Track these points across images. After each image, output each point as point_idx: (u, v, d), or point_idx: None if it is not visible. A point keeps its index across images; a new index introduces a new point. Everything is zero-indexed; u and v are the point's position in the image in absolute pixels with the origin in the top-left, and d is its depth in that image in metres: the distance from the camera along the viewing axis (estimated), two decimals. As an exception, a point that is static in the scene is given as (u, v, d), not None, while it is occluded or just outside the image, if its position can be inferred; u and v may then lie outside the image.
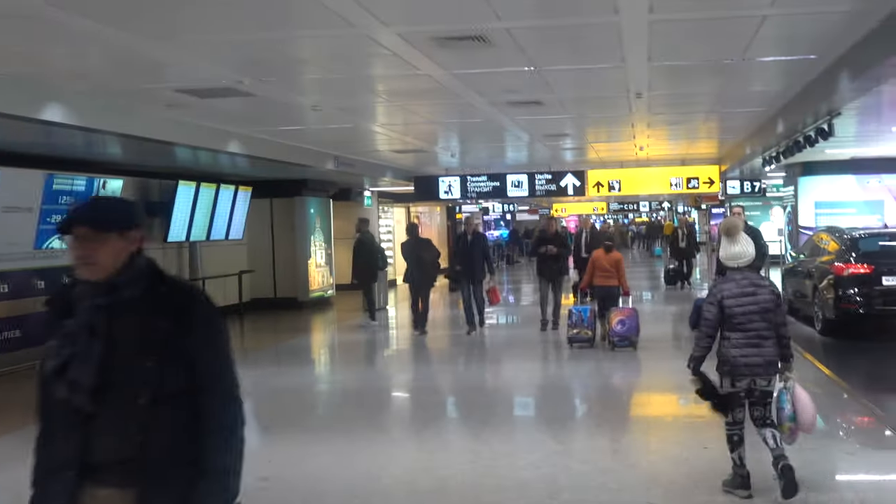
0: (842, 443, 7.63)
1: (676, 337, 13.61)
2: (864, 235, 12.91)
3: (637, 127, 13.92)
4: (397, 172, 20.67)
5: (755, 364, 5.30)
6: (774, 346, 5.38)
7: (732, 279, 5.44)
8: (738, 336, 5.31)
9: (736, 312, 5.30)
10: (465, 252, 13.84)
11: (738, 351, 5.30)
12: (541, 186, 19.76)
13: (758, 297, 5.35)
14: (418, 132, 14.59)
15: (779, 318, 5.45)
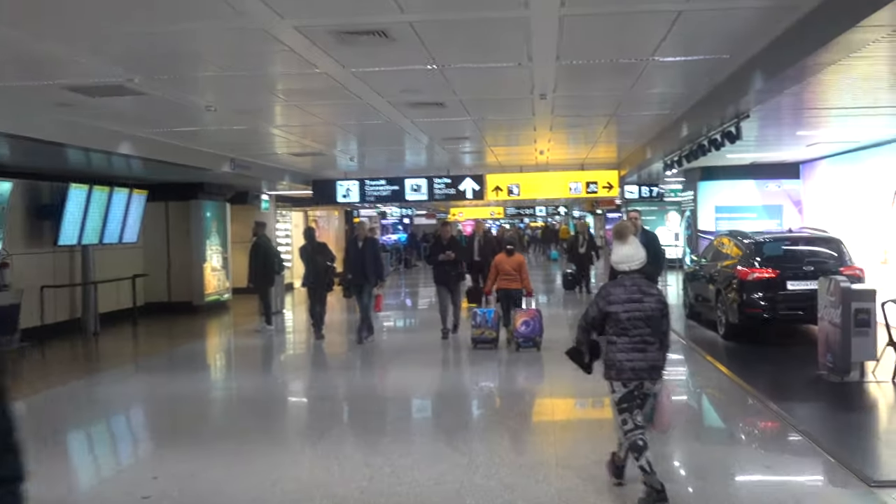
0: (746, 447, 7.66)
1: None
2: (767, 240, 12.99)
3: (539, 130, 13.83)
4: (295, 176, 20.12)
5: (641, 368, 5.39)
6: (658, 350, 5.47)
7: (622, 284, 5.51)
8: (624, 341, 5.39)
9: (622, 318, 5.38)
10: (356, 258, 13.24)
11: (625, 356, 5.39)
12: (440, 190, 19.58)
13: (644, 305, 5.43)
14: (317, 134, 14.15)
15: (664, 327, 5.57)
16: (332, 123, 12.85)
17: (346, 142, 15.66)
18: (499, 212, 43.14)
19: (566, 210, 42.98)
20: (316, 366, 12.57)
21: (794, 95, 9.22)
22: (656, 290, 5.65)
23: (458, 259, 13.24)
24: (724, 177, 17.70)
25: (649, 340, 5.42)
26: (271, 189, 22.70)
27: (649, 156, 15.71)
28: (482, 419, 8.80)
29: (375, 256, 13.39)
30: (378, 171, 20.42)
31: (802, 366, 10.59)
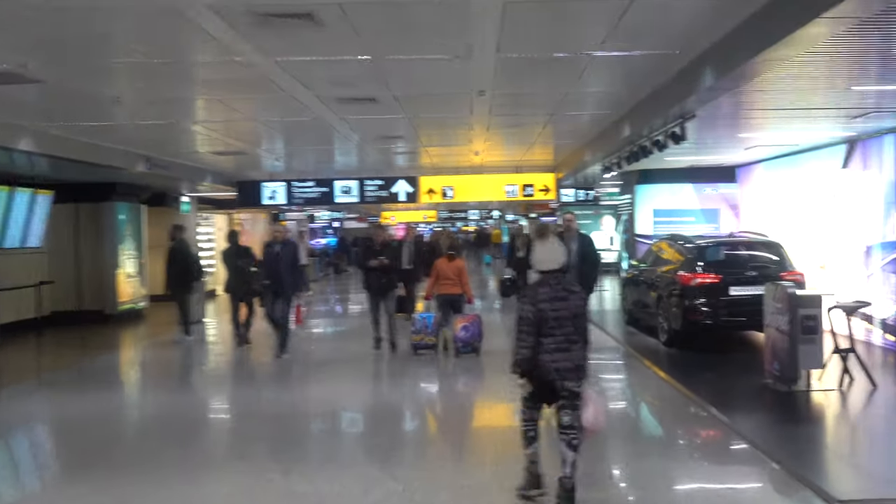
0: (690, 457, 7.36)
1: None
2: (709, 244, 12.76)
3: (475, 130, 13.34)
4: (218, 177, 19.24)
5: (566, 368, 5.36)
6: (581, 349, 5.46)
7: (547, 283, 5.48)
8: (549, 341, 5.34)
9: (550, 317, 5.34)
10: (272, 264, 12.14)
11: (549, 356, 5.35)
12: (371, 193, 18.96)
13: (570, 303, 5.43)
14: (240, 132, 13.41)
15: (585, 323, 5.59)
16: (257, 120, 12.14)
17: (271, 140, 14.92)
18: (431, 215, 42.61)
19: (500, 214, 42.67)
20: (237, 380, 11.74)
21: (739, 95, 8.93)
22: (578, 288, 5.68)
23: (391, 265, 12.41)
24: (661, 180, 17.50)
25: (573, 340, 5.40)
26: (192, 190, 21.73)
27: (588, 158, 15.36)
28: (419, 436, 8.28)
29: (294, 263, 12.31)
30: (306, 172, 19.68)
31: (748, 374, 10.33)
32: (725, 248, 12.60)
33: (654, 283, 13.06)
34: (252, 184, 19.28)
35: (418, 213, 42.80)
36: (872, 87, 8.71)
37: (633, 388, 10.51)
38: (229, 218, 28.22)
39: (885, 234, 11.73)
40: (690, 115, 9.67)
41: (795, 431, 8.00)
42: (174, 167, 16.44)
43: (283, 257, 12.08)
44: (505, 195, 19.37)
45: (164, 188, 20.39)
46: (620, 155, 13.17)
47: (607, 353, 12.48)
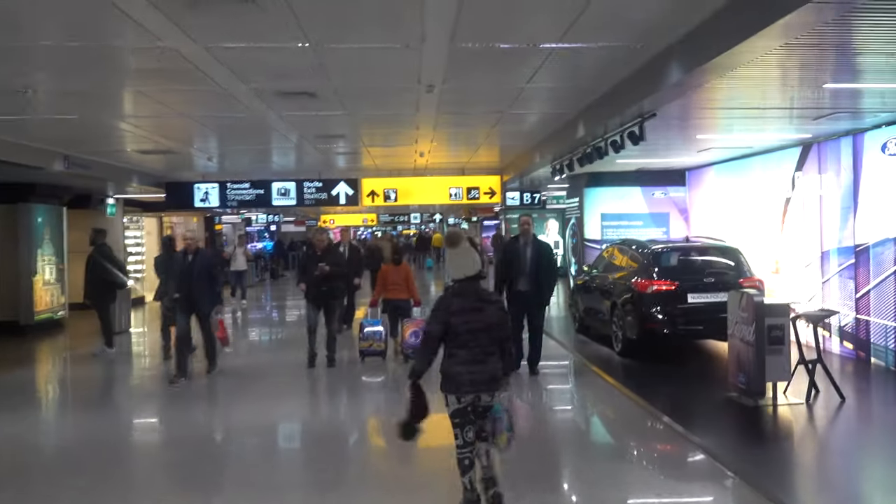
0: (644, 469, 7.08)
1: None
2: (665, 249, 12.32)
3: (422, 129, 12.73)
4: (146, 177, 18.28)
5: (480, 381, 5.19)
6: (498, 360, 5.27)
7: (460, 293, 5.29)
8: (464, 353, 5.18)
9: (462, 330, 5.16)
10: (183, 275, 10.92)
11: (464, 368, 5.18)
12: (310, 195, 18.21)
13: (484, 315, 5.23)
14: (169, 128, 12.57)
15: (503, 333, 5.35)
16: (186, 115, 11.31)
17: (203, 138, 14.10)
18: (372, 219, 41.81)
19: (441, 217, 42.10)
20: (159, 399, 10.45)
21: (703, 93, 8.49)
22: (496, 297, 5.52)
23: (333, 273, 11.42)
24: (610, 183, 17.10)
25: (490, 351, 5.23)
26: (119, 192, 20.69)
27: (538, 159, 14.87)
28: (362, 465, 7.56)
29: (209, 275, 11.05)
30: (241, 172, 18.84)
31: (710, 386, 9.96)
32: (682, 253, 12.19)
33: (607, 290, 12.61)
34: (183, 185, 18.38)
35: (358, 217, 42.03)
36: (842, 85, 8.32)
37: (587, 400, 10.02)
38: (159, 221, 27.15)
39: (842, 239, 11.46)
40: (650, 114, 9.21)
41: (769, 451, 7.59)
42: (97, 167, 15.48)
43: (195, 268, 10.89)
44: (449, 198, 18.79)
45: (89, 189, 19.35)
46: (573, 156, 12.69)
47: (558, 362, 12.00)
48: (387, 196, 18.61)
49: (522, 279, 10.50)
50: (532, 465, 6.79)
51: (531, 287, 10.48)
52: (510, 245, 11.00)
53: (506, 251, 11.01)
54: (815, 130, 11.36)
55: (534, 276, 10.44)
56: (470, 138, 14.44)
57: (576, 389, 10.63)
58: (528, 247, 10.63)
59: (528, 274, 10.48)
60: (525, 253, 10.58)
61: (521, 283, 10.52)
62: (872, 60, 7.32)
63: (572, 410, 9.75)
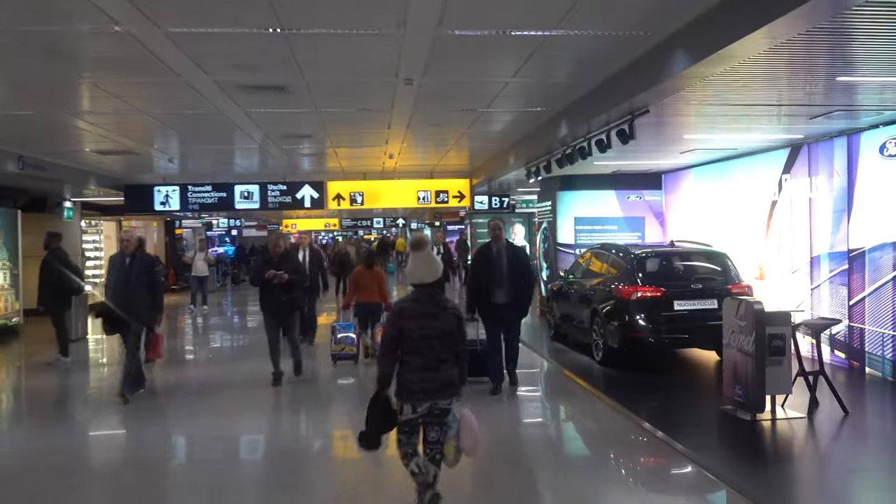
0: (634, 487, 6.48)
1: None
2: (650, 254, 11.64)
3: (394, 128, 12.01)
4: (104, 180, 17.35)
5: (433, 388, 5.06)
6: (452, 366, 5.15)
7: (416, 299, 5.17)
8: (417, 360, 5.05)
9: (416, 336, 5.03)
10: (120, 281, 9.62)
11: (417, 376, 5.06)
12: (274, 198, 17.37)
13: (439, 321, 5.11)
14: (128, 127, 11.73)
15: (458, 341, 5.22)
16: (146, 112, 10.48)
17: (164, 138, 13.22)
18: (334, 223, 40.90)
19: (404, 222, 41.30)
20: (118, 414, 9.30)
21: (706, 87, 7.85)
22: (451, 304, 5.29)
23: (292, 281, 10.16)
24: (584, 187, 16.47)
25: (443, 358, 5.10)
26: (76, 195, 19.67)
27: (512, 161, 14.21)
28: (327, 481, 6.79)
29: (149, 280, 9.70)
30: (203, 175, 17.98)
31: (701, 398, 9.38)
32: (667, 258, 11.52)
33: (586, 297, 11.95)
34: (142, 188, 17.47)
35: (320, 221, 41.12)
36: (855, 79, 7.71)
37: (569, 412, 9.36)
38: (119, 225, 26.06)
39: (834, 244, 10.91)
40: (642, 110, 8.57)
41: (772, 468, 6.93)
42: (53, 168, 14.55)
43: (132, 273, 9.55)
44: (417, 201, 18.07)
45: (44, 192, 18.34)
46: (551, 157, 12.07)
47: (536, 372, 11.35)
48: (353, 199, 17.85)
49: (499, 291, 9.39)
50: (507, 484, 6.29)
51: (509, 299, 9.39)
52: (482, 254, 9.78)
53: (477, 261, 9.85)
54: (806, 131, 10.80)
55: (511, 286, 9.39)
56: (441, 139, 13.75)
57: (555, 400, 9.97)
58: (503, 254, 9.52)
59: (505, 285, 9.37)
60: (500, 261, 9.45)
61: (498, 296, 9.36)
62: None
63: (552, 423, 9.07)
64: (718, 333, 8.70)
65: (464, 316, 5.56)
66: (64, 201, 19.71)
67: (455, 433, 5.08)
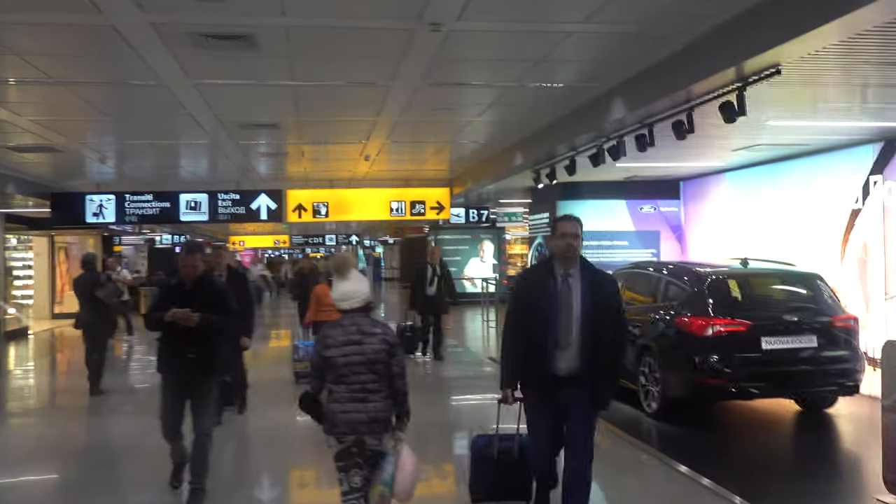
0: None
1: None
2: (722, 276, 8.55)
3: (384, 116, 9.11)
4: (27, 185, 13.92)
5: (358, 421, 4.27)
6: (384, 400, 4.34)
7: (340, 325, 4.40)
8: (342, 389, 4.31)
9: (339, 363, 4.29)
10: None
11: (339, 406, 4.28)
12: (225, 209, 14.22)
13: (364, 347, 4.31)
14: (48, 107, 8.58)
15: (394, 369, 4.35)
16: (67, 83, 7.36)
17: (95, 128, 10.08)
18: (284, 240, 37.40)
19: (357, 239, 37.91)
20: None
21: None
22: (381, 328, 4.40)
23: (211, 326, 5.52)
24: (590, 196, 13.68)
25: (371, 388, 4.30)
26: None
27: (519, 162, 11.31)
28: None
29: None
30: (143, 181, 14.74)
31: (830, 478, 6.50)
32: (746, 281, 8.56)
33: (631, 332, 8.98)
34: (72, 196, 14.19)
35: (270, 238, 37.66)
36: None
37: (638, 492, 6.37)
38: (51, 241, 22.41)
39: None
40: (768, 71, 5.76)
41: None
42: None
43: None
44: (390, 213, 15.10)
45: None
46: (574, 155, 9.32)
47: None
48: (316, 211, 14.78)
49: (560, 353, 4.62)
50: None
51: (578, 366, 4.61)
52: (530, 284, 4.92)
53: (521, 296, 4.86)
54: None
55: (585, 343, 4.56)
56: (433, 137, 10.95)
57: (615, 476, 6.47)
58: (573, 286, 4.62)
59: (574, 340, 4.58)
60: (567, 297, 4.62)
61: (561, 358, 4.59)
62: None
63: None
64: (821, 379, 6.69)
65: (396, 342, 4.44)
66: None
67: (388, 478, 4.27)
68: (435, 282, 12.03)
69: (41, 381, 12.63)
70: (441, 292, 12.09)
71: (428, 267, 12.16)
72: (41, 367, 14.22)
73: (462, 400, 10.12)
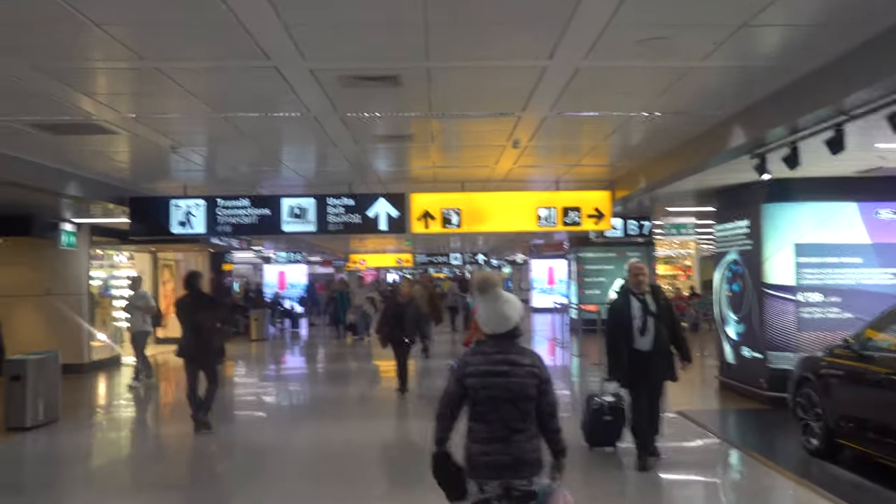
0: None
1: None
2: None
3: (537, 99, 6.27)
4: (98, 187, 11.30)
5: (502, 465, 3.73)
6: (531, 440, 3.78)
7: (482, 352, 3.92)
8: (481, 428, 3.79)
9: (480, 397, 3.77)
10: None
11: (480, 447, 3.79)
12: (337, 217, 11.36)
13: (510, 381, 3.77)
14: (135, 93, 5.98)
15: (545, 407, 3.82)
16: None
17: (189, 118, 7.28)
18: (407, 259, 34.36)
19: (483, 257, 34.38)
20: None
21: None
22: (530, 359, 3.85)
23: None
24: (807, 196, 9.82)
25: (515, 428, 3.76)
26: (80, 214, 13.73)
27: (735, 143, 7.67)
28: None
29: None
30: (234, 182, 11.94)
31: None
32: None
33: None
34: (152, 201, 11.60)
35: (391, 257, 34.82)
36: None
37: None
38: (153, 257, 20.21)
39: None
40: None
41: None
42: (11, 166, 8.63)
43: None
44: (537, 223, 11.77)
45: (28, 209, 12.49)
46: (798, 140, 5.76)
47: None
48: (447, 219, 11.73)
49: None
50: None
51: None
52: None
53: None
54: None
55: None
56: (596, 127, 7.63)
57: None
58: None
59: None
60: None
61: None
62: None
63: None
64: None
65: (548, 375, 3.82)
66: (61, 223, 13.79)
67: None
68: (650, 326, 6.87)
69: (114, 428, 10.03)
70: (663, 343, 6.90)
71: (633, 301, 6.96)
72: (115, 408, 11.60)
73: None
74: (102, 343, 15.55)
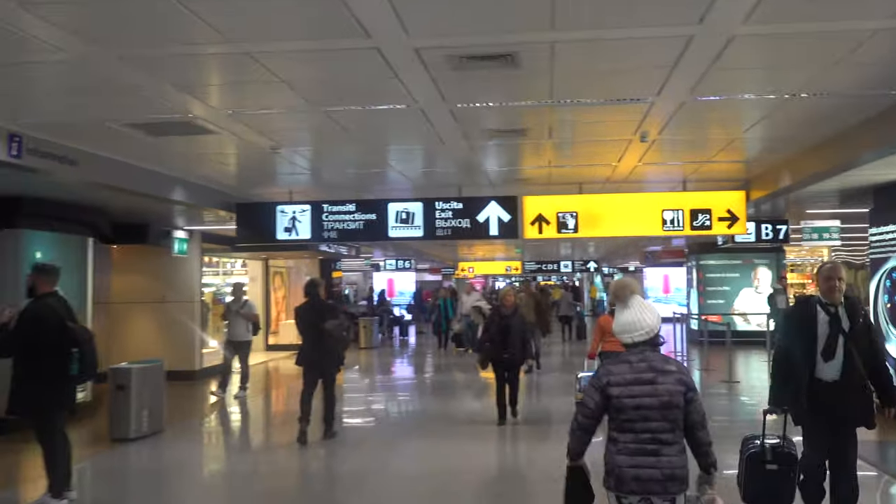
0: None
1: None
2: None
3: (676, 79, 5.69)
4: (202, 193, 11.02)
5: (650, 479, 3.55)
6: (680, 454, 3.61)
7: (626, 360, 3.73)
8: (629, 439, 3.63)
9: (626, 405, 3.62)
10: None
11: (627, 459, 3.62)
12: (445, 223, 10.70)
13: (658, 388, 3.61)
14: (226, 83, 5.78)
15: (693, 417, 3.63)
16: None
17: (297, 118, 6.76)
18: (516, 266, 33.39)
19: (595, 266, 33.02)
20: None
21: None
22: (675, 366, 3.69)
23: None
24: None
25: (665, 440, 3.56)
26: (192, 222, 13.61)
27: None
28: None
29: None
30: (342, 186, 11.43)
31: None
32: None
33: None
34: (261, 207, 11.22)
35: (499, 265, 33.98)
36: None
37: None
38: (265, 265, 20.16)
39: None
40: None
41: None
42: (95, 166, 8.31)
43: None
44: (662, 227, 10.72)
45: (143, 217, 12.41)
46: None
47: None
48: (562, 224, 10.88)
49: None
50: None
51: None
52: None
53: None
54: None
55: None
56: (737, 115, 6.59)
57: None
58: None
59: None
60: None
61: None
62: None
63: None
64: None
65: (694, 384, 3.65)
66: (174, 230, 13.70)
67: None
68: (839, 349, 5.13)
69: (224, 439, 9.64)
70: (854, 373, 5.12)
71: (820, 313, 5.21)
72: (220, 418, 11.26)
73: None
74: (214, 350, 15.39)
